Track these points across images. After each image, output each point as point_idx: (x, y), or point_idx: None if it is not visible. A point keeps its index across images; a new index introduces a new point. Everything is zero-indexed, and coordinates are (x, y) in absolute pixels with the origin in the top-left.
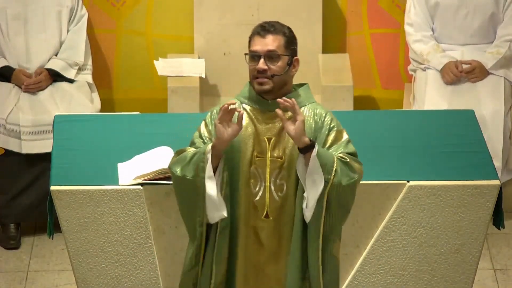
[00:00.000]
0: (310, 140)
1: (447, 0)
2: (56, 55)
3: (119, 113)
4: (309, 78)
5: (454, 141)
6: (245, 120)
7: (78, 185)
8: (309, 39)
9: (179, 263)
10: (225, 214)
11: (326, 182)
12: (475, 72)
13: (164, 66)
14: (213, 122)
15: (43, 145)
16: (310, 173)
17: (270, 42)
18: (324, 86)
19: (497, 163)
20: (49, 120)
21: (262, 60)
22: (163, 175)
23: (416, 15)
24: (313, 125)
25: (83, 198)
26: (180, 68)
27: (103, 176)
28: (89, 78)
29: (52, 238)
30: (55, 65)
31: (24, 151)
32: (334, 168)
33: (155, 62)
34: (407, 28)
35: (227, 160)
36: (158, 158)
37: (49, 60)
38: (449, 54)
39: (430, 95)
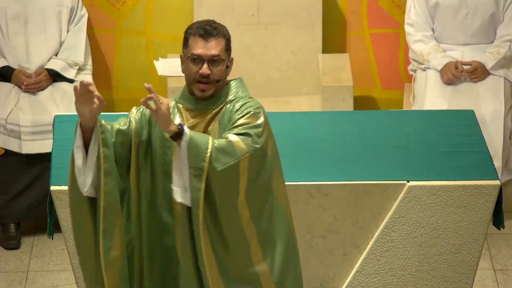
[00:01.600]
0: (179, 128)
1: (447, 0)
2: (56, 55)
3: (119, 113)
4: (309, 78)
5: (454, 141)
6: (178, 119)
7: None
8: (309, 39)
9: None
10: (87, 181)
11: (201, 169)
12: (476, 73)
13: (164, 66)
14: (142, 111)
15: (43, 145)
16: (178, 163)
17: (214, 46)
18: (324, 86)
19: (497, 163)
20: (49, 120)
21: (206, 65)
22: None
23: (416, 15)
24: (228, 119)
25: None
26: (180, 68)
27: None
28: (89, 78)
29: (52, 238)
30: (55, 65)
31: (24, 151)
32: (208, 155)
33: (155, 62)
34: (407, 28)
35: (157, 158)
36: None
37: (49, 60)
38: (449, 54)
39: (430, 95)
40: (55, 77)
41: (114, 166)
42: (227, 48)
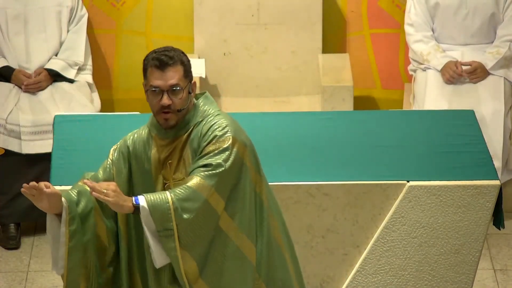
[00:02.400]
0: (133, 204)
1: (447, 0)
2: (56, 55)
3: (119, 113)
4: (309, 78)
5: (454, 141)
6: (154, 149)
7: None
8: (309, 39)
9: None
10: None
11: (171, 229)
12: (476, 73)
13: None
14: (119, 149)
15: (43, 145)
16: (147, 231)
17: (171, 76)
18: (324, 86)
19: (497, 163)
20: (49, 120)
21: (165, 95)
22: None
23: (416, 15)
24: (198, 141)
25: None
26: None
27: None
28: (89, 78)
29: None
30: (55, 65)
31: (24, 151)
32: (172, 212)
33: None
34: (407, 28)
35: (142, 188)
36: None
37: (49, 60)
38: (449, 54)
39: (430, 95)
40: (55, 77)
41: (81, 239)
42: (186, 75)
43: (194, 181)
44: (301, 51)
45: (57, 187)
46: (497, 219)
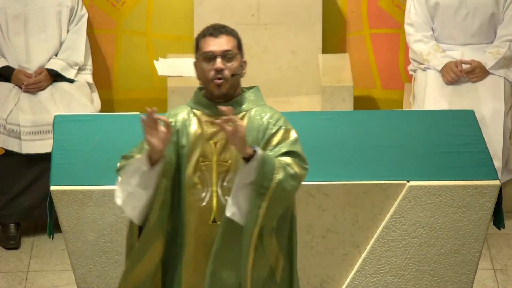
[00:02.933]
0: (253, 151)
1: (447, 0)
2: (56, 55)
3: (119, 113)
4: (309, 78)
5: (454, 141)
6: (195, 125)
7: (78, 185)
8: (309, 39)
9: None
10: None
11: (267, 189)
12: (475, 72)
13: (164, 66)
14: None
15: (43, 145)
16: (245, 182)
17: (225, 42)
18: (324, 86)
19: (497, 163)
20: (49, 120)
21: (219, 59)
22: None
23: (416, 15)
24: (258, 128)
25: (83, 198)
26: (180, 68)
27: (103, 176)
28: (89, 78)
29: (52, 238)
30: (55, 65)
31: (24, 151)
32: (275, 177)
33: (155, 62)
34: (407, 28)
35: (174, 166)
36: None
37: (49, 60)
38: (449, 54)
39: (430, 95)
40: (55, 77)
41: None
42: (239, 47)
43: (296, 162)
44: (301, 51)
45: (57, 187)
46: (497, 219)
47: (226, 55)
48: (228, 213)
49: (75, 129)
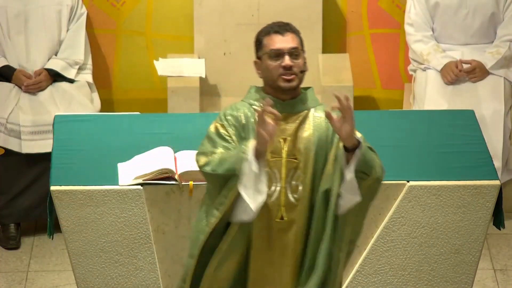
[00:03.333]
0: (357, 140)
1: (447, 0)
2: (56, 54)
3: (119, 113)
4: (309, 78)
5: (454, 141)
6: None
7: (78, 185)
8: (309, 39)
9: (179, 263)
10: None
11: (367, 175)
12: (475, 72)
13: (164, 66)
14: (230, 124)
15: (43, 145)
16: (354, 171)
17: (291, 40)
18: (324, 86)
19: (497, 163)
20: (49, 120)
21: (287, 57)
22: (163, 175)
23: (416, 15)
24: (325, 126)
25: (83, 198)
26: (180, 68)
27: (103, 176)
28: (89, 78)
29: (52, 238)
30: (55, 65)
31: (24, 150)
32: (375, 164)
33: (155, 62)
34: (407, 28)
35: None
36: (158, 158)
37: (49, 59)
38: (449, 54)
39: (430, 95)
40: (55, 77)
41: None
42: (302, 46)
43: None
44: None
45: (57, 187)
46: (497, 219)
47: (293, 53)
48: (351, 202)
49: (75, 129)
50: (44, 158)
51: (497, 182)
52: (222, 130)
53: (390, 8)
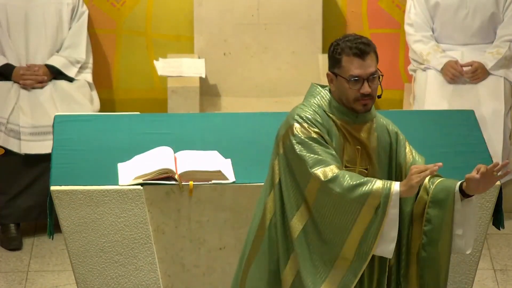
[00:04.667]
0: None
1: (447, 0)
2: (57, 52)
3: (119, 113)
4: (309, 78)
5: (454, 141)
6: (335, 130)
7: (78, 185)
8: (309, 39)
9: (179, 263)
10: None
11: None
12: (477, 73)
13: (164, 66)
14: (314, 125)
15: (42, 146)
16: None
17: (370, 64)
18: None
19: None
20: (48, 121)
21: (366, 84)
22: (163, 175)
23: (416, 15)
24: (387, 136)
25: (83, 198)
26: (180, 68)
27: (103, 176)
28: (89, 77)
29: (52, 239)
30: (57, 61)
31: (23, 151)
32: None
33: (155, 62)
34: (407, 28)
35: None
36: (158, 158)
37: (49, 57)
38: (449, 54)
39: (430, 95)
40: (55, 74)
41: None
42: (377, 62)
43: None
44: (301, 51)
45: (57, 187)
46: (497, 219)
47: (372, 78)
48: (467, 251)
49: (75, 129)
50: (43, 159)
51: (497, 182)
52: (306, 132)
53: (390, 8)
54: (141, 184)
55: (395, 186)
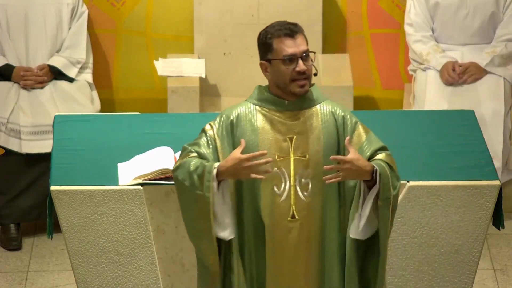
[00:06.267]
0: (372, 167)
1: (447, 0)
2: (57, 52)
3: (119, 113)
4: None
5: (454, 141)
6: (261, 122)
7: (78, 185)
8: (309, 39)
9: (179, 263)
10: (229, 235)
11: (389, 198)
12: (469, 71)
13: (164, 66)
14: (221, 125)
15: (43, 145)
16: (365, 200)
17: (302, 42)
18: (324, 86)
19: (497, 163)
20: (49, 120)
21: (300, 61)
22: (163, 175)
23: (416, 15)
24: (333, 121)
25: (83, 198)
26: (180, 68)
27: (103, 176)
28: (89, 77)
29: (52, 239)
30: (57, 62)
31: (24, 150)
32: (393, 185)
33: (155, 62)
34: (407, 28)
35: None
36: (158, 158)
37: (49, 58)
38: (449, 54)
39: (430, 95)
40: (56, 74)
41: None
42: (307, 43)
43: (391, 160)
44: None
45: (57, 187)
46: (497, 219)
47: (305, 56)
48: (354, 235)
49: (75, 129)
50: (44, 158)
51: (497, 182)
52: (209, 130)
53: (390, 8)
54: (141, 184)
55: (215, 164)
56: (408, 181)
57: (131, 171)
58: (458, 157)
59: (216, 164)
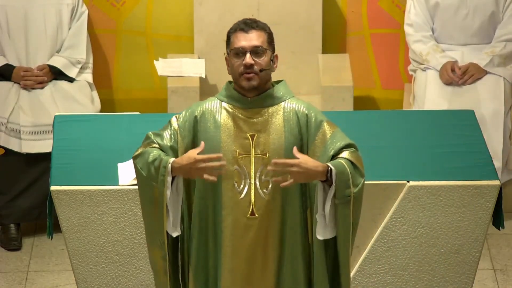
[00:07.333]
0: (327, 167)
1: (447, 0)
2: (57, 53)
3: (119, 113)
4: (309, 78)
5: (454, 141)
6: (224, 119)
7: (78, 185)
8: (309, 39)
9: None
10: (178, 232)
11: (348, 196)
12: (469, 71)
13: (164, 66)
14: (183, 124)
15: (43, 145)
16: (324, 199)
17: (255, 38)
18: (324, 86)
19: (497, 163)
20: (49, 120)
21: (248, 55)
22: None
23: (416, 15)
24: (295, 119)
25: (83, 198)
26: (180, 68)
27: (103, 176)
28: (89, 77)
29: (52, 239)
30: (58, 62)
31: (24, 150)
32: (350, 180)
33: (155, 62)
34: (407, 29)
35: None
36: None
37: (49, 58)
38: (449, 54)
39: (430, 95)
40: (56, 74)
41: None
42: (270, 43)
43: (356, 157)
44: (301, 51)
45: (57, 187)
46: (497, 219)
47: (256, 51)
48: (321, 236)
49: (75, 129)
50: (44, 158)
51: (497, 182)
52: (174, 123)
53: (390, 8)
54: None
55: (170, 159)
56: (408, 181)
57: (131, 171)
58: (458, 157)
59: (171, 160)
